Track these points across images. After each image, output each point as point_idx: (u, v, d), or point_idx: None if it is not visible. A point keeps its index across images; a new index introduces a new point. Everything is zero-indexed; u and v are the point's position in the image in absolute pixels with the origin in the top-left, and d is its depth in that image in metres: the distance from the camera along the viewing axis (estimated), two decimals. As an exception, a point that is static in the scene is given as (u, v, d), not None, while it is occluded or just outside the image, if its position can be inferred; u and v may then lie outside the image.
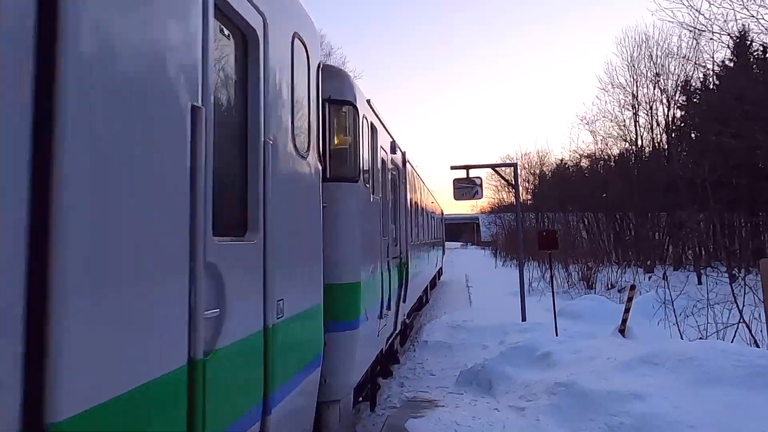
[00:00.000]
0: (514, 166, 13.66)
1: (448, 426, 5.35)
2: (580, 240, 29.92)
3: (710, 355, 5.71)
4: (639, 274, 21.68)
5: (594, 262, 21.80)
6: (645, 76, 30.19)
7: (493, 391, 7.06)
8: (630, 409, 4.94)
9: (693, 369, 5.50)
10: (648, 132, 30.57)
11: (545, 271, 19.45)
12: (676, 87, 28.66)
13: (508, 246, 36.73)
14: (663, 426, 4.54)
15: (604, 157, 33.48)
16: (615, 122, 31.73)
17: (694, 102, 27.02)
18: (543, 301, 15.17)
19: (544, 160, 45.37)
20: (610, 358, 6.61)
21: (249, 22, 2.47)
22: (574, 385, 5.85)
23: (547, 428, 5.29)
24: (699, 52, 24.93)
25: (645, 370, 5.87)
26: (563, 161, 41.16)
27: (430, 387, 7.86)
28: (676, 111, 29.13)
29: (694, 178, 18.35)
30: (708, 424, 4.48)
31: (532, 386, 6.56)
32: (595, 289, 18.89)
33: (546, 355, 7.51)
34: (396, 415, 6.06)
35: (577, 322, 11.65)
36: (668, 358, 5.90)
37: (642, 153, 30.96)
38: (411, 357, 9.90)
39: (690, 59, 25.96)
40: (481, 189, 12.86)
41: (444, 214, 25.02)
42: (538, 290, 18.23)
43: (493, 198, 53.56)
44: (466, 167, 12.46)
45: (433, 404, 6.45)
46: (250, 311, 2.48)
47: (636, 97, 30.55)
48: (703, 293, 10.20)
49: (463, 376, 7.88)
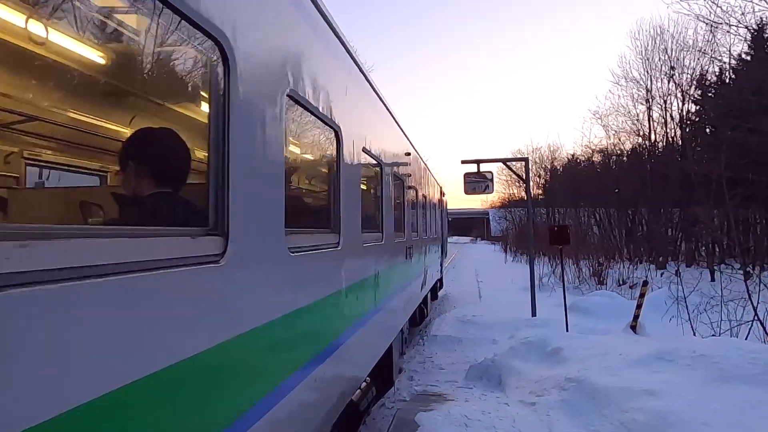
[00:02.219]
0: (525, 161, 13.55)
1: (458, 420, 5.33)
2: (592, 235, 29.69)
3: (725, 352, 5.63)
4: (651, 270, 21.47)
5: (605, 257, 21.63)
6: (659, 70, 29.82)
7: (503, 386, 7.04)
8: (643, 406, 4.89)
9: (707, 366, 5.43)
10: (662, 127, 30.23)
11: (556, 267, 19.33)
12: (691, 81, 28.25)
13: (519, 241, 36.57)
14: (677, 423, 4.49)
15: (617, 152, 33.16)
16: (628, 117, 31.38)
17: (709, 96, 26.59)
18: (553, 296, 15.09)
19: (555, 154, 45.12)
20: (622, 355, 6.55)
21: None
22: (585, 381, 5.81)
23: (557, 423, 5.26)
24: (715, 45, 24.54)
25: (658, 366, 5.80)
26: (575, 156, 40.89)
27: (440, 381, 7.85)
28: (691, 105, 28.71)
29: (709, 174, 18.09)
30: (722, 421, 4.42)
31: (543, 381, 6.52)
32: (606, 285, 18.75)
33: (556, 351, 7.46)
34: (406, 408, 6.06)
35: (588, 317, 11.57)
36: (682, 355, 5.83)
37: (655, 148, 30.61)
38: (420, 351, 9.90)
39: (706, 52, 25.57)
40: (492, 183, 12.77)
41: (443, 194, 18.81)
42: (548, 286, 18.12)
43: (504, 193, 53.34)
44: (477, 161, 12.38)
45: (443, 398, 6.45)
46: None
47: (650, 91, 30.19)
48: (716, 290, 10.05)
49: (472, 371, 7.86)
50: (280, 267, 2.67)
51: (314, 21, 3.50)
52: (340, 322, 3.86)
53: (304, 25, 3.27)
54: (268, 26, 2.58)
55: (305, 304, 3.01)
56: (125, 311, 1.53)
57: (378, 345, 5.52)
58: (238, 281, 2.20)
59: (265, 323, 2.44)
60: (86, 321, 1.39)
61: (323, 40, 3.69)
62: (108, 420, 1.47)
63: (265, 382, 2.48)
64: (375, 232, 5.44)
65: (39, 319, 1.24)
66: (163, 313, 1.71)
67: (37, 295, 1.23)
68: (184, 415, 1.86)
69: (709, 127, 26.42)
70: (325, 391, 3.42)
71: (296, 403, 2.82)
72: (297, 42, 3.07)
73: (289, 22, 2.97)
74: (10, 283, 1.16)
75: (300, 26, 3.19)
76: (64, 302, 1.31)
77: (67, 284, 1.30)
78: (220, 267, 2.03)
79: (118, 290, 1.49)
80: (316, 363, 3.19)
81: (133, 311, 1.56)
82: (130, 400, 1.54)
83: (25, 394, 1.20)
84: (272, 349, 2.60)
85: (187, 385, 1.84)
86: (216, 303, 2.04)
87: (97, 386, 1.41)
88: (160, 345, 1.69)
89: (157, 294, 1.67)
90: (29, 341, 1.22)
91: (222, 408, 2.09)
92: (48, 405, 1.26)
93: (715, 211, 20.85)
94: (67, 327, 1.33)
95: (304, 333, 3.05)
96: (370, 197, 5.64)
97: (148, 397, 1.63)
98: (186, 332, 1.84)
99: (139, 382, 1.56)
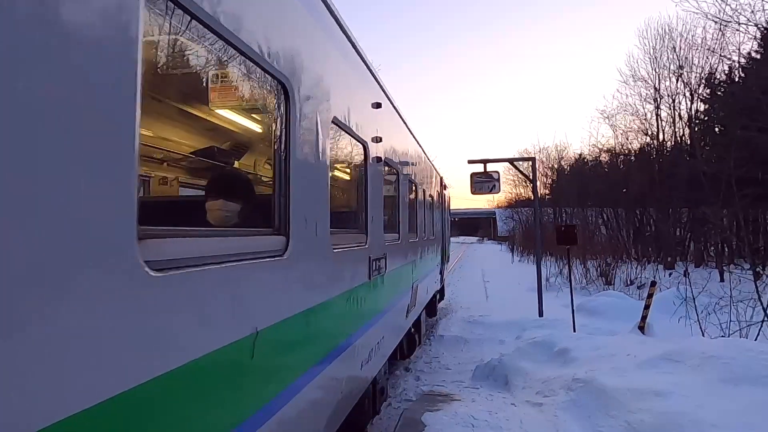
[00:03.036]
0: (532, 161, 13.50)
1: (464, 420, 5.32)
2: (599, 235, 29.51)
3: (734, 353, 5.57)
4: (659, 270, 21.32)
5: (613, 258, 21.49)
6: (668, 69, 29.57)
7: (510, 386, 7.01)
8: (651, 407, 4.85)
9: (717, 367, 5.38)
10: (670, 126, 29.98)
11: (563, 267, 19.24)
12: (700, 80, 27.99)
13: (526, 241, 36.43)
14: (686, 425, 4.45)
15: (625, 151, 32.90)
16: (636, 116, 31.14)
17: (718, 95, 26.36)
18: (560, 297, 15.02)
19: (562, 154, 44.85)
20: (630, 355, 6.51)
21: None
22: (593, 382, 5.78)
23: (565, 424, 5.23)
24: (724, 43, 24.32)
25: (667, 367, 5.76)
26: (582, 156, 40.62)
27: (446, 381, 7.84)
28: (700, 104, 28.47)
29: (718, 173, 17.91)
30: (732, 423, 4.37)
31: (550, 382, 6.49)
32: (613, 285, 18.63)
33: (564, 351, 7.42)
34: (412, 408, 6.06)
35: (596, 318, 11.51)
36: (691, 356, 5.78)
37: (664, 147, 30.35)
38: (427, 351, 9.88)
39: (715, 51, 25.34)
40: (498, 183, 12.74)
41: (446, 187, 15.49)
42: (555, 286, 18.04)
43: (511, 193, 53.17)
44: (484, 161, 12.36)
45: (450, 398, 6.43)
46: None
47: (658, 90, 29.94)
48: (725, 291, 9.96)
49: (479, 371, 7.84)
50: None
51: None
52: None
53: (347, 68, 4.03)
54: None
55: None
56: (232, 290, 2.08)
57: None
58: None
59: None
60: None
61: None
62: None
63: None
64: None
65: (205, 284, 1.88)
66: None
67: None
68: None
69: (718, 126, 26.17)
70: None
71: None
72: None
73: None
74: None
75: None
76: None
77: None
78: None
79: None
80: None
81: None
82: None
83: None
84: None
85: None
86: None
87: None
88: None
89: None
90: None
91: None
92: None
93: (724, 210, 20.65)
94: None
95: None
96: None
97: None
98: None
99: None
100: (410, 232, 7.62)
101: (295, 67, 2.72)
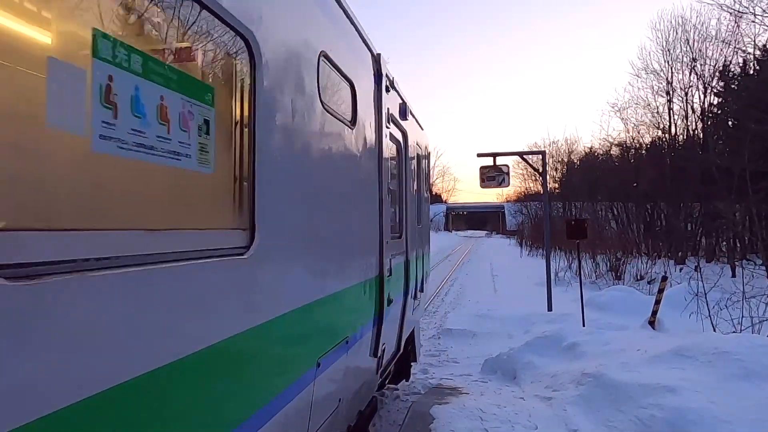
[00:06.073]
0: (542, 154, 13.41)
1: (473, 413, 5.32)
2: (609, 230, 29.28)
3: (746, 349, 5.52)
4: (670, 265, 21.13)
5: (623, 252, 21.32)
6: (681, 61, 29.06)
7: (519, 380, 7.01)
8: (662, 403, 4.82)
9: (729, 363, 5.33)
10: (682, 119, 29.52)
11: (572, 261, 19.13)
12: (714, 72, 27.47)
13: (535, 235, 36.25)
14: (697, 420, 4.42)
15: (636, 145, 32.48)
16: (648, 109, 30.65)
17: (732, 88, 25.93)
18: (570, 291, 14.95)
19: (572, 148, 44.44)
20: (640, 350, 6.47)
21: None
22: (602, 377, 5.75)
23: (574, 419, 5.22)
24: (739, 35, 23.87)
25: (678, 363, 5.72)
26: (592, 149, 40.22)
27: (454, 375, 7.84)
28: (713, 98, 28.01)
29: (731, 168, 17.69)
30: (745, 420, 4.33)
31: (559, 376, 6.47)
32: (623, 280, 18.50)
33: (573, 346, 7.40)
34: (421, 401, 6.07)
35: (605, 313, 11.44)
36: (702, 352, 5.73)
37: (676, 141, 29.95)
38: (435, 344, 9.89)
39: (729, 43, 24.90)
40: (508, 177, 12.65)
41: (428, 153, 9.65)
42: (564, 280, 17.96)
43: (520, 186, 52.89)
44: (493, 155, 12.28)
45: (458, 392, 6.44)
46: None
47: (670, 83, 29.47)
48: (737, 286, 9.85)
49: (487, 365, 7.84)
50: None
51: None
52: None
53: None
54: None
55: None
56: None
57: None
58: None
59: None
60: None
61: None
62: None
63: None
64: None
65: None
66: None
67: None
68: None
69: (731, 119, 25.75)
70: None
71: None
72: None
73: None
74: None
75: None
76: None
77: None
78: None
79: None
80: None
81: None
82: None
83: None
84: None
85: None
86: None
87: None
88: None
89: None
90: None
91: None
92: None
93: (737, 205, 20.41)
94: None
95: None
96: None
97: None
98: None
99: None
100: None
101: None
